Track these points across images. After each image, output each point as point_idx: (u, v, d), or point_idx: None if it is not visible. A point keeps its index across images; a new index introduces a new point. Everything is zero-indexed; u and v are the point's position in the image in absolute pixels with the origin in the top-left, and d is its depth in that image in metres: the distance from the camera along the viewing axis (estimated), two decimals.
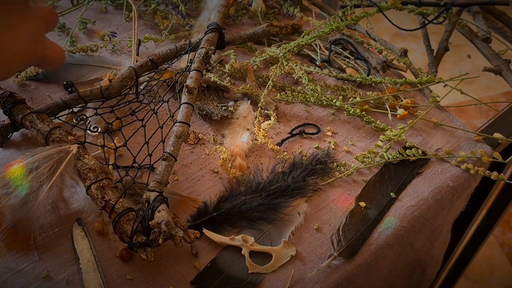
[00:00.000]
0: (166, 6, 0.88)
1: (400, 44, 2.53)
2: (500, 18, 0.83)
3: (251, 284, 0.52)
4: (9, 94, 0.61)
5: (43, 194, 0.53)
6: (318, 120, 0.70)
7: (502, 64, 0.75)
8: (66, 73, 0.75)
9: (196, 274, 0.52)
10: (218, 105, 0.71)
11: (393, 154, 0.64)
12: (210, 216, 0.56)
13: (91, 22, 0.85)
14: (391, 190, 0.61)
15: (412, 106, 0.70)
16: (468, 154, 0.64)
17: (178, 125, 0.57)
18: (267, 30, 0.76)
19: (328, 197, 0.61)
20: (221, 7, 0.74)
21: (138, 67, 0.66)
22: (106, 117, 0.64)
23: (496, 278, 1.60)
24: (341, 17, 0.77)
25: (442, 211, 0.63)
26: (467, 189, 0.66)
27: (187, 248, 0.54)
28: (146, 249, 0.49)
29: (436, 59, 0.79)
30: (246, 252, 0.54)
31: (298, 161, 0.62)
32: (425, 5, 0.80)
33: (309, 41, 0.75)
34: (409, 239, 0.61)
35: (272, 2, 0.91)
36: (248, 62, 0.76)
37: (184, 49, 0.69)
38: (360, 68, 0.78)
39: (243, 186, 0.59)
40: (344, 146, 0.67)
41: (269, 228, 0.57)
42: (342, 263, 0.54)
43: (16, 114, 0.60)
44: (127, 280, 0.52)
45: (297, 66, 0.73)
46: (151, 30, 0.85)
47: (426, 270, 0.79)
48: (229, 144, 0.65)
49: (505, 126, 0.70)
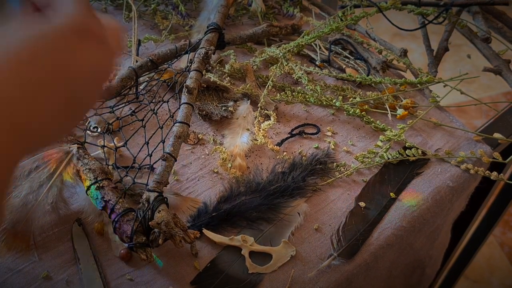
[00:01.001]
0: (166, 6, 0.88)
1: (400, 44, 2.53)
2: (500, 18, 0.83)
3: (251, 284, 0.52)
4: None
5: (42, 194, 0.54)
6: (318, 120, 0.70)
7: (502, 64, 0.75)
8: None
9: (196, 274, 0.52)
10: (218, 105, 0.71)
11: (393, 154, 0.64)
12: (210, 217, 0.56)
13: None
14: (391, 190, 0.61)
15: (412, 106, 0.70)
16: (468, 154, 0.64)
17: (178, 125, 0.57)
18: (267, 30, 0.76)
19: (328, 197, 0.61)
20: (221, 7, 0.74)
21: (138, 67, 0.66)
22: (106, 117, 0.64)
23: (496, 278, 1.60)
24: (341, 17, 0.77)
25: (441, 211, 0.63)
26: (467, 189, 0.66)
27: (186, 248, 0.54)
28: (146, 249, 0.49)
29: (436, 59, 0.79)
30: (246, 252, 0.54)
31: (298, 161, 0.62)
32: (425, 5, 0.80)
33: (309, 41, 0.75)
34: (408, 239, 0.61)
35: (272, 2, 0.91)
36: (248, 62, 0.76)
37: (184, 49, 0.69)
38: (360, 68, 0.78)
39: (243, 186, 0.59)
40: (344, 146, 0.67)
41: (269, 228, 0.57)
42: (341, 263, 0.54)
43: None
44: (127, 281, 0.52)
45: (297, 66, 0.73)
46: (151, 30, 0.85)
47: (425, 270, 0.79)
48: (229, 144, 0.65)
49: (505, 126, 0.70)
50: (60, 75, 0.31)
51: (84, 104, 0.34)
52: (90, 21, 0.33)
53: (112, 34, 0.36)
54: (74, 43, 0.31)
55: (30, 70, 0.29)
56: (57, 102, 0.31)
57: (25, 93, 0.29)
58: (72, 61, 0.31)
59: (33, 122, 0.30)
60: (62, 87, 0.31)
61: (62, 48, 0.31)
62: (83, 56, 0.32)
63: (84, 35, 0.32)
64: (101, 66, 0.34)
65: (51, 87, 0.30)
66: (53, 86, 0.30)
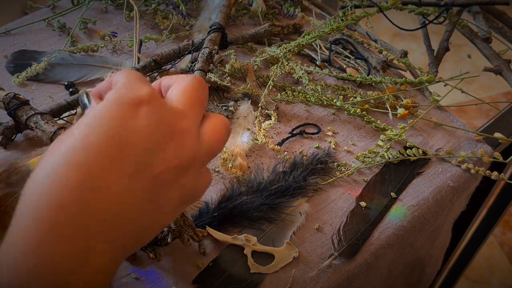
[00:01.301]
0: (166, 6, 0.88)
1: (400, 44, 2.53)
2: (500, 18, 0.83)
3: (253, 284, 0.52)
4: (13, 95, 0.61)
5: None
6: (318, 120, 0.70)
7: (502, 64, 0.75)
8: (67, 74, 0.75)
9: (198, 273, 0.53)
10: (218, 105, 0.71)
11: (393, 154, 0.64)
12: (211, 216, 0.56)
13: (92, 22, 0.85)
14: (391, 190, 0.61)
15: (413, 106, 0.70)
16: (469, 154, 0.64)
17: None
18: (269, 30, 0.76)
19: (329, 197, 0.61)
20: (223, 7, 0.74)
21: (141, 67, 0.66)
22: None
23: (496, 278, 1.60)
24: (342, 17, 0.77)
25: (442, 211, 0.63)
26: (468, 189, 0.66)
27: (192, 247, 0.54)
28: (155, 248, 0.49)
29: (437, 59, 0.79)
30: (249, 252, 0.54)
31: (298, 161, 0.62)
32: (425, 5, 0.80)
33: (309, 41, 0.75)
34: (409, 239, 0.61)
35: (273, 3, 0.91)
36: (249, 62, 0.76)
37: (187, 49, 0.69)
38: (361, 68, 0.78)
39: (244, 186, 0.59)
40: (344, 146, 0.67)
41: (271, 228, 0.57)
42: (342, 263, 0.54)
43: (20, 115, 0.60)
44: (133, 280, 0.52)
45: (298, 66, 0.73)
46: (152, 30, 0.86)
47: (425, 270, 0.79)
48: (229, 144, 0.65)
49: (505, 126, 0.70)
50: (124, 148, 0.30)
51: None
52: (140, 87, 0.32)
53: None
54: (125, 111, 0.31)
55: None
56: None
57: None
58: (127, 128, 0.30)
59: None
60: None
61: (114, 116, 0.30)
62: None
63: (136, 102, 0.31)
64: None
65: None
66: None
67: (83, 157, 0.28)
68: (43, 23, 0.86)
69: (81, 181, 0.28)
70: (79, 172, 0.28)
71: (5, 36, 0.84)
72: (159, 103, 0.32)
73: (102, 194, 0.28)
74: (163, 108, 0.32)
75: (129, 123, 0.30)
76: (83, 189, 0.28)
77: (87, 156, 0.28)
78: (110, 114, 0.30)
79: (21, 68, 0.75)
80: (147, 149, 0.30)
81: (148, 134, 0.30)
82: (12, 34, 0.84)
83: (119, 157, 0.29)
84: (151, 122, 0.31)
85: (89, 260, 0.28)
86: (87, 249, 0.28)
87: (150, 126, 0.31)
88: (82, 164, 0.28)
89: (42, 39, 0.84)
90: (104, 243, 0.29)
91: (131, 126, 0.30)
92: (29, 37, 0.84)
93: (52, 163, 0.29)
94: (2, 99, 0.60)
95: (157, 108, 0.32)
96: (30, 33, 0.85)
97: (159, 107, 0.32)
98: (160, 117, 0.32)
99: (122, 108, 0.31)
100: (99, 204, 0.28)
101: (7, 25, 0.86)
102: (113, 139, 0.29)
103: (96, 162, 0.28)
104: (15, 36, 0.84)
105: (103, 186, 0.28)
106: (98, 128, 0.29)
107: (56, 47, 0.82)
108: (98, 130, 0.29)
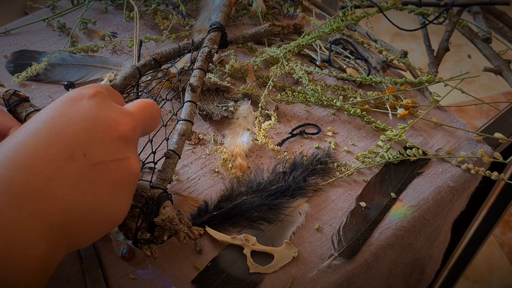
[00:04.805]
0: (166, 6, 0.88)
1: (400, 44, 2.53)
2: (500, 18, 0.83)
3: (252, 284, 0.52)
4: (13, 92, 0.60)
5: None
6: (318, 120, 0.70)
7: (502, 64, 0.75)
8: (67, 74, 0.75)
9: (197, 273, 0.53)
10: (218, 105, 0.71)
11: (393, 154, 0.64)
12: (210, 216, 0.56)
13: (92, 22, 0.86)
14: (391, 190, 0.61)
15: (413, 106, 0.70)
16: (469, 154, 0.64)
17: (181, 123, 0.57)
18: (269, 30, 0.76)
19: (329, 197, 0.61)
20: (224, 6, 0.74)
21: (141, 65, 0.66)
22: None
23: (496, 278, 1.61)
24: (341, 17, 0.77)
25: (442, 211, 0.63)
26: (468, 189, 0.66)
27: (189, 246, 0.54)
28: (151, 245, 0.49)
29: (437, 59, 0.79)
30: (248, 251, 0.54)
31: (298, 161, 0.62)
32: (425, 5, 0.80)
33: (309, 41, 0.75)
34: (409, 239, 0.61)
35: (272, 3, 0.91)
36: (249, 62, 0.76)
37: (187, 48, 0.69)
38: (360, 68, 0.78)
39: (243, 186, 0.59)
40: (344, 146, 0.67)
41: (270, 228, 0.57)
42: (342, 263, 0.54)
43: (20, 112, 0.59)
44: (130, 280, 0.52)
45: (298, 66, 0.73)
46: (152, 30, 0.86)
47: (425, 270, 0.79)
48: (229, 144, 0.65)
49: (505, 126, 0.70)
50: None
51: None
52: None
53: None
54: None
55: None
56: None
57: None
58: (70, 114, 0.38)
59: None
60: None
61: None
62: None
63: (78, 98, 0.39)
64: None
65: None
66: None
67: (22, 143, 0.35)
68: (43, 23, 0.86)
69: (16, 161, 0.34)
70: (17, 154, 0.34)
71: (5, 36, 0.84)
72: (101, 99, 0.39)
73: (33, 173, 0.33)
74: (104, 103, 0.39)
75: (67, 114, 0.37)
76: (15, 167, 0.33)
77: (25, 142, 0.35)
78: (54, 106, 0.38)
79: (21, 68, 0.76)
80: (83, 139, 0.36)
81: (83, 125, 0.37)
82: (12, 34, 0.85)
83: (54, 143, 0.35)
84: (89, 115, 0.37)
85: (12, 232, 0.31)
86: (13, 219, 0.32)
87: (87, 118, 0.37)
88: (24, 148, 0.35)
89: (42, 39, 0.84)
90: (32, 218, 0.32)
91: (67, 117, 0.37)
92: (29, 37, 0.84)
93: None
94: (2, 95, 0.60)
95: (98, 103, 0.38)
96: (30, 33, 0.85)
97: (101, 102, 0.38)
98: (101, 110, 0.38)
99: (64, 102, 0.38)
100: (28, 181, 0.33)
101: (7, 25, 0.86)
102: (50, 127, 0.36)
103: (34, 145, 0.35)
104: (15, 36, 0.84)
105: (34, 164, 0.34)
106: (39, 120, 0.37)
107: (56, 47, 0.82)
108: (39, 121, 0.37)
